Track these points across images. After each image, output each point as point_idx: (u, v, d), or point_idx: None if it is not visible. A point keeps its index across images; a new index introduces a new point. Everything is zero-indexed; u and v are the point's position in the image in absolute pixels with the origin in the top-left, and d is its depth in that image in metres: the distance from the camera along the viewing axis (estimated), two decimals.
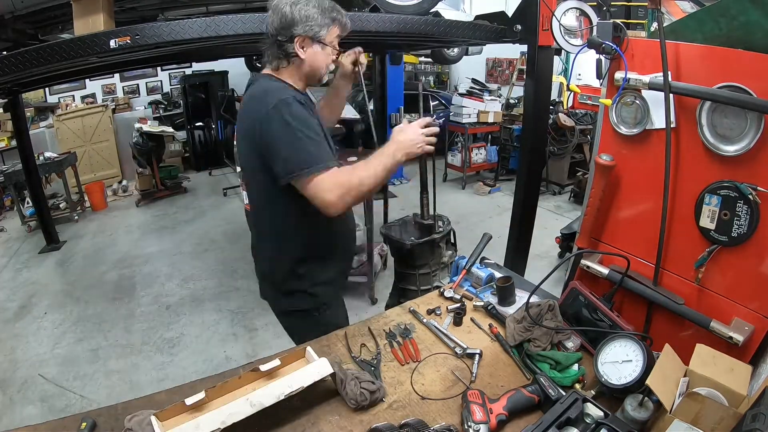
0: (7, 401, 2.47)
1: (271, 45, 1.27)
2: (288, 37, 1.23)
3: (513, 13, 2.32)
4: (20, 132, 4.23)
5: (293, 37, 1.23)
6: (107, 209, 5.61)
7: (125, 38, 1.64)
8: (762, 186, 0.96)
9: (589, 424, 0.88)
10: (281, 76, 1.29)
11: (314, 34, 1.25)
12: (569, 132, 5.18)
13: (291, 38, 1.23)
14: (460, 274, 1.50)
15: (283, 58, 1.27)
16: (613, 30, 1.16)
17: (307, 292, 1.37)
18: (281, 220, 1.32)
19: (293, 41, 1.23)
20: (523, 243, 2.69)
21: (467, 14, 2.60)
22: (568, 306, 1.24)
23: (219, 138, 6.75)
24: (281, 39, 1.24)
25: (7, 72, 1.67)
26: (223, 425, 0.88)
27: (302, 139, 1.15)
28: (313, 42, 1.26)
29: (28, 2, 2.07)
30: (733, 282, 1.07)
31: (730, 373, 0.88)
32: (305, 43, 1.25)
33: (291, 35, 1.23)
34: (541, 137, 2.72)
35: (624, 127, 1.22)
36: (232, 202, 5.65)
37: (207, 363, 2.74)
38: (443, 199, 5.16)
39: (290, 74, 1.30)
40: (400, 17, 2.06)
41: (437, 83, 9.10)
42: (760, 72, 0.94)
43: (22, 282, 3.85)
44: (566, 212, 4.96)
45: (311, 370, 1.01)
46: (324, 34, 1.26)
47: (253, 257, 1.53)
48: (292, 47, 1.24)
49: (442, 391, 1.06)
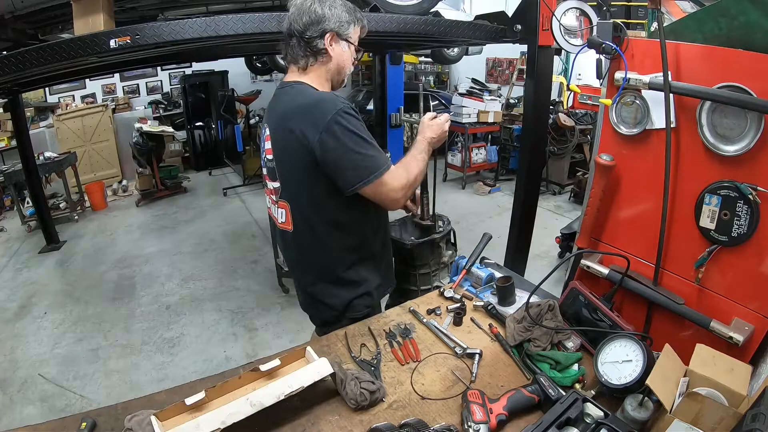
0: (7, 401, 2.47)
1: (297, 44, 1.24)
2: (319, 33, 1.22)
3: (513, 13, 2.33)
4: (20, 132, 4.23)
5: (324, 33, 1.22)
6: (107, 209, 5.62)
7: (125, 38, 1.64)
8: (762, 186, 0.96)
9: (589, 424, 0.88)
10: (308, 77, 1.27)
11: (343, 32, 1.25)
12: (569, 132, 5.18)
13: (321, 34, 1.22)
14: (460, 274, 1.50)
15: (311, 56, 1.25)
16: (613, 30, 1.16)
17: (368, 292, 1.39)
18: (332, 228, 1.29)
19: (323, 37, 1.22)
20: (523, 243, 2.69)
21: (467, 14, 2.60)
22: (568, 306, 1.24)
23: (219, 138, 6.75)
24: (310, 35, 1.22)
25: (7, 72, 1.67)
26: (223, 425, 0.88)
27: (365, 147, 1.16)
28: (340, 39, 1.25)
29: (28, 2, 2.07)
30: (733, 282, 1.07)
31: (730, 373, 0.88)
32: (333, 40, 1.24)
33: (322, 31, 1.22)
34: (541, 137, 2.72)
35: (624, 127, 1.22)
36: (232, 202, 5.65)
37: (207, 363, 2.74)
38: (443, 199, 5.17)
39: (317, 75, 1.27)
40: (400, 17, 2.06)
41: (437, 83, 9.10)
42: (760, 72, 0.94)
43: (22, 282, 3.86)
44: (566, 212, 4.96)
45: (311, 370, 1.01)
46: (351, 33, 1.27)
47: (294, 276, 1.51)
48: (322, 43, 1.23)
49: (442, 391, 1.06)
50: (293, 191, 1.28)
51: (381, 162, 1.18)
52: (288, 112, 1.21)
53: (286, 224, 1.33)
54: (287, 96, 1.24)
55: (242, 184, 6.10)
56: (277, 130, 1.26)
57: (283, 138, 1.23)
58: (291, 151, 1.22)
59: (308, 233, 1.30)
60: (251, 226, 4.84)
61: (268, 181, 1.35)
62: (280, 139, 1.25)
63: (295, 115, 1.19)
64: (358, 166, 1.15)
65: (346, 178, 1.17)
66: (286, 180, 1.28)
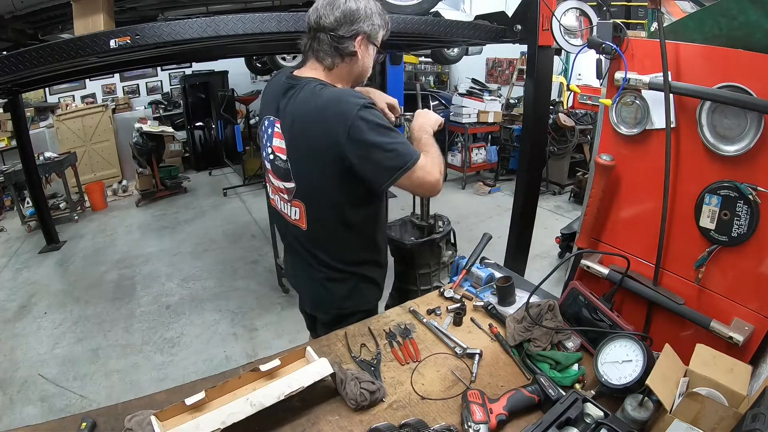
0: (7, 401, 2.47)
1: (324, 40, 1.17)
2: (351, 34, 1.16)
3: (513, 13, 2.32)
4: (20, 132, 4.23)
5: (357, 35, 1.16)
6: (107, 209, 5.61)
7: (125, 38, 1.63)
8: (762, 186, 0.96)
9: (589, 424, 0.88)
10: (331, 77, 1.21)
11: (374, 35, 1.20)
12: (569, 132, 5.18)
13: (354, 35, 1.16)
14: (460, 274, 1.50)
15: (338, 56, 1.19)
16: (613, 30, 1.16)
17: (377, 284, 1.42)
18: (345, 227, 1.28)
19: (355, 39, 1.16)
20: (523, 243, 2.68)
21: (467, 14, 2.60)
22: (568, 306, 1.24)
23: (219, 138, 6.75)
24: (342, 34, 1.15)
25: (7, 72, 1.67)
26: (223, 425, 0.88)
27: (393, 137, 1.12)
28: (369, 42, 1.20)
29: (28, 2, 2.07)
30: (733, 282, 1.07)
31: (730, 373, 0.88)
32: (364, 44, 1.19)
33: (355, 32, 1.16)
34: (541, 137, 2.72)
35: (624, 127, 1.22)
36: (232, 202, 5.65)
37: (207, 363, 2.74)
38: (443, 199, 5.17)
39: (340, 76, 1.22)
40: (400, 17, 2.06)
41: (437, 83, 9.09)
42: (760, 72, 0.94)
43: (22, 282, 3.85)
44: (566, 212, 4.96)
45: (311, 370, 1.01)
46: (379, 36, 1.22)
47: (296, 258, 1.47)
48: (353, 45, 1.17)
49: (442, 391, 1.06)
50: (311, 192, 1.25)
51: (411, 149, 1.14)
52: (307, 115, 1.15)
53: (300, 221, 1.31)
54: (304, 95, 1.17)
55: (242, 184, 6.10)
56: (295, 134, 1.19)
57: (305, 142, 1.17)
58: (315, 155, 1.16)
59: (322, 231, 1.30)
60: (251, 226, 4.84)
61: (278, 180, 1.30)
62: (300, 144, 1.19)
63: (317, 118, 1.13)
64: (392, 156, 1.11)
65: (381, 172, 1.12)
66: (305, 182, 1.23)
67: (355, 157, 1.11)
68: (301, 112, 1.16)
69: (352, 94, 1.13)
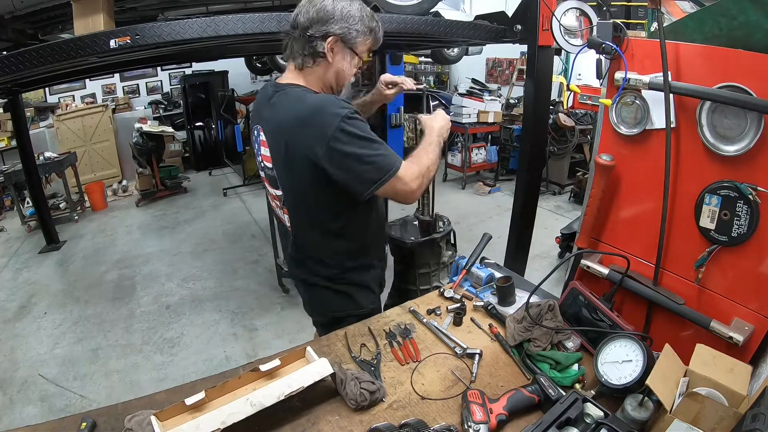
0: (7, 401, 2.47)
1: (298, 38, 1.14)
2: (321, 34, 1.11)
3: (513, 13, 2.32)
4: (20, 132, 4.23)
5: (327, 35, 1.12)
6: (107, 209, 5.61)
7: (125, 38, 1.64)
8: (762, 186, 0.96)
9: (589, 424, 0.88)
10: (305, 79, 1.18)
11: (349, 38, 1.14)
12: (569, 132, 5.18)
13: (324, 36, 1.12)
14: (460, 274, 1.50)
15: (308, 57, 1.15)
16: (613, 30, 1.16)
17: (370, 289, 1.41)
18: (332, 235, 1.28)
19: (325, 39, 1.12)
20: (523, 243, 2.68)
21: (467, 14, 2.60)
22: (568, 306, 1.24)
23: (219, 138, 6.74)
24: (312, 33, 1.11)
25: (7, 72, 1.67)
26: (223, 425, 0.88)
27: (374, 147, 1.10)
28: (344, 47, 1.15)
29: (28, 2, 2.07)
30: (733, 282, 1.07)
31: (730, 373, 0.88)
32: (336, 46, 1.14)
33: (325, 32, 1.11)
34: (541, 137, 2.72)
35: (624, 127, 1.22)
36: (232, 202, 5.65)
37: (207, 363, 2.74)
38: (443, 199, 5.16)
39: (314, 79, 1.18)
40: (400, 17, 2.06)
41: (437, 83, 9.09)
42: (760, 72, 0.94)
43: (22, 282, 3.85)
44: (566, 212, 4.96)
45: (311, 370, 1.01)
46: (358, 42, 1.17)
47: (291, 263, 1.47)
48: (323, 46, 1.12)
49: (442, 391, 1.06)
50: (296, 201, 1.26)
51: (392, 160, 1.12)
52: (287, 123, 1.13)
53: (291, 228, 1.33)
54: (285, 103, 1.15)
55: (242, 184, 6.10)
56: (276, 142, 1.18)
57: (284, 151, 1.15)
58: (294, 164, 1.15)
59: (307, 239, 1.31)
60: (251, 226, 4.84)
61: (270, 187, 1.32)
62: (280, 152, 1.17)
63: (296, 127, 1.10)
64: (371, 169, 1.10)
65: (360, 184, 1.11)
66: (289, 191, 1.24)
67: (333, 168, 1.10)
68: (282, 121, 1.15)
69: (334, 104, 1.10)
